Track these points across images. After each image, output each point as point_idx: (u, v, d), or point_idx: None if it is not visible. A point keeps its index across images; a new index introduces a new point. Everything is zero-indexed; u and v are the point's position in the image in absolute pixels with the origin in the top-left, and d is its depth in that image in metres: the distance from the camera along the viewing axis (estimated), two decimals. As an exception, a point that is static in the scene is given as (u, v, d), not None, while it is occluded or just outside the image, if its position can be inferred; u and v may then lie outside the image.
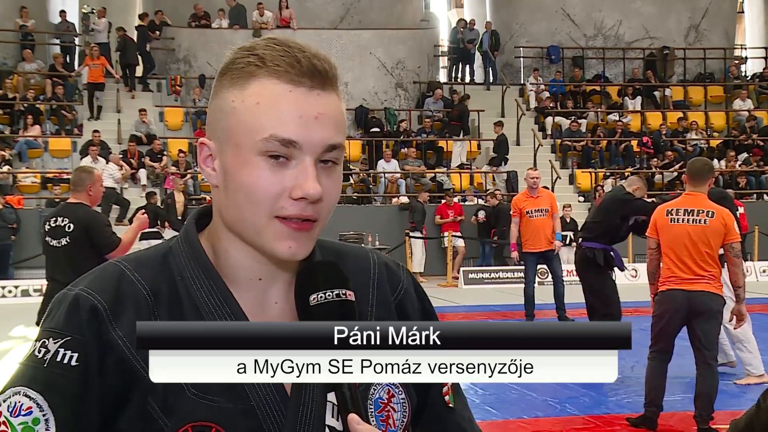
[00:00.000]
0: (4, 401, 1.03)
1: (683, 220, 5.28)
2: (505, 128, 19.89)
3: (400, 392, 1.14)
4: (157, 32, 19.74)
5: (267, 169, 1.03)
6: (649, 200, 7.75)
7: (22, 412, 1.02)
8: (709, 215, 5.24)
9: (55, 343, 1.04)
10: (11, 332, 10.06)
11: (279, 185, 1.03)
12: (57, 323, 1.06)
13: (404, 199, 17.24)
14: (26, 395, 1.03)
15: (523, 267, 10.47)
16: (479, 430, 1.25)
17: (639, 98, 21.35)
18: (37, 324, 5.06)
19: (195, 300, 1.08)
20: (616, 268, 7.85)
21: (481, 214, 16.43)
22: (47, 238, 5.35)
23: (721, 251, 5.37)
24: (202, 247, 1.12)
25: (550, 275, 10.56)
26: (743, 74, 23.03)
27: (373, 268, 1.20)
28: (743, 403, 5.77)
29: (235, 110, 1.04)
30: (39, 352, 1.05)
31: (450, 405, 1.21)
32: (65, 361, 1.03)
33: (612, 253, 7.57)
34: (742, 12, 25.96)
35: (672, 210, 5.35)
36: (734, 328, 5.49)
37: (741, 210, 16.83)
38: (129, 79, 19.32)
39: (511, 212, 10.23)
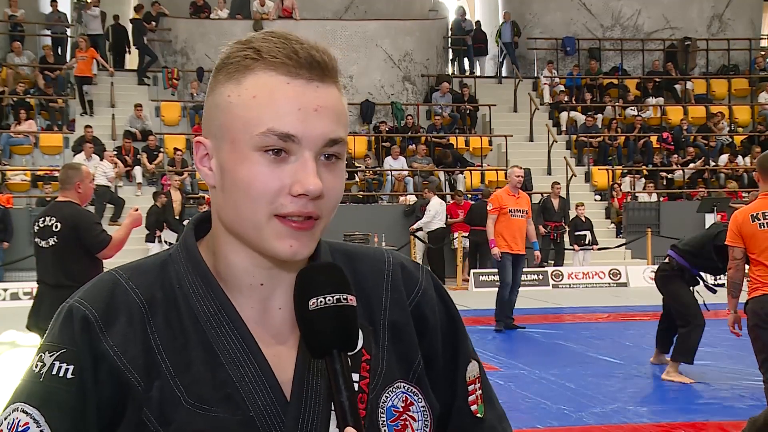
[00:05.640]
0: (5, 419, 1.05)
1: None
2: (517, 123, 19.41)
3: (419, 399, 1.13)
4: (153, 23, 19.33)
5: (265, 165, 1.01)
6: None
7: (20, 428, 1.03)
8: None
9: (50, 356, 1.05)
10: (0, 337, 9.82)
11: (278, 182, 1.01)
12: (53, 336, 1.07)
13: (411, 198, 16.80)
14: (23, 411, 1.04)
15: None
16: None
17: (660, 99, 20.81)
18: (27, 328, 5.30)
19: (193, 307, 1.08)
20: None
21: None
22: (36, 239, 5.26)
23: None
24: (199, 254, 1.11)
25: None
26: (769, 66, 22.50)
27: (387, 269, 1.18)
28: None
29: (231, 105, 1.03)
30: (36, 366, 1.06)
31: (478, 415, 1.19)
32: (61, 374, 1.04)
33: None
34: (768, 0, 25.26)
35: (757, 215, 5.14)
36: None
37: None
38: (116, 62, 19.00)
39: (489, 208, 9.48)
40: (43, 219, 5.25)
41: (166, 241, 14.74)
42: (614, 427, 5.62)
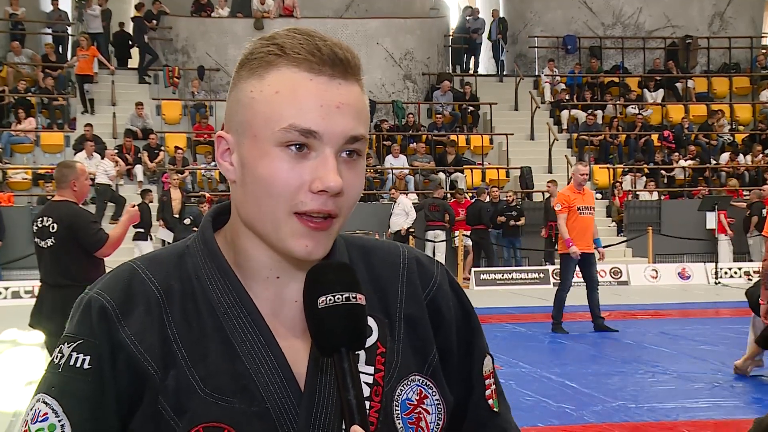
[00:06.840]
0: (30, 410, 1.07)
1: None
2: (518, 122, 19.35)
3: (433, 393, 1.13)
4: (154, 21, 19.31)
5: (286, 161, 1.02)
6: None
7: (40, 419, 1.05)
8: None
9: (69, 347, 1.07)
10: (1, 336, 9.89)
11: (298, 178, 1.02)
12: (72, 328, 1.09)
13: (413, 197, 16.75)
14: (44, 402, 1.06)
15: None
16: None
17: (660, 90, 20.69)
18: (31, 326, 5.33)
19: (210, 299, 1.08)
20: None
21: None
22: (36, 240, 5.27)
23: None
24: (217, 245, 1.12)
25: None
26: (770, 65, 22.39)
27: (402, 263, 1.18)
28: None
29: (254, 100, 1.04)
30: (56, 358, 1.08)
31: (495, 409, 1.20)
32: (78, 364, 1.05)
33: None
34: (769, -1, 25.19)
35: None
36: None
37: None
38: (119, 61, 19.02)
39: (557, 208, 9.51)
40: (41, 219, 5.24)
41: (164, 241, 14.63)
42: (615, 426, 5.60)
